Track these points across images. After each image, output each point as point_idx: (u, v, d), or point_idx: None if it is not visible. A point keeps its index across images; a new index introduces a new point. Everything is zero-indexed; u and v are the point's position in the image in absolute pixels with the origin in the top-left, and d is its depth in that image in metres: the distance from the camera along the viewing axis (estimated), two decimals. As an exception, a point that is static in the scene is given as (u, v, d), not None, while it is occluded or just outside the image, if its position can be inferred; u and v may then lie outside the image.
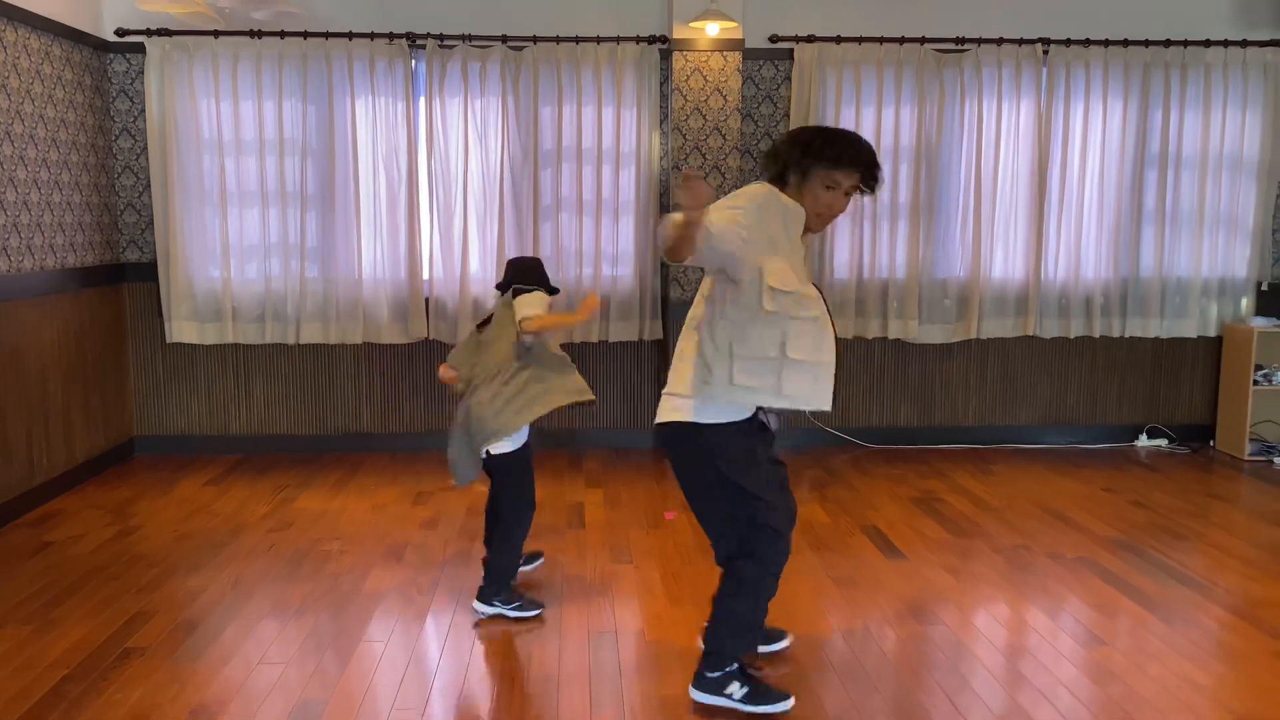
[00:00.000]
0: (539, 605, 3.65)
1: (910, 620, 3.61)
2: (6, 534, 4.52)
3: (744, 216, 2.69)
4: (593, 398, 3.63)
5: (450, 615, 3.65)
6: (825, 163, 2.73)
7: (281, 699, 3.02)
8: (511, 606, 3.60)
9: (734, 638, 2.94)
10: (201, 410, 6.00)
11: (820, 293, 2.82)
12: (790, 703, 2.92)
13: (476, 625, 3.57)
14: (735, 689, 2.91)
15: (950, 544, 4.44)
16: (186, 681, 3.13)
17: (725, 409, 2.83)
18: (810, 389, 2.74)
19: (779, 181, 2.83)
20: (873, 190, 2.84)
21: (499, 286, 3.79)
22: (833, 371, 2.77)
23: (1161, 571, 4.11)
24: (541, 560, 4.10)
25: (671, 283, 5.84)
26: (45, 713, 2.92)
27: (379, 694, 3.07)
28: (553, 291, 3.72)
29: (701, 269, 2.90)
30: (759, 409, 2.90)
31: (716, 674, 2.92)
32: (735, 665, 2.94)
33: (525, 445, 3.66)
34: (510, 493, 3.66)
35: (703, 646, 2.97)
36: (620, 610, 3.69)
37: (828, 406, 2.77)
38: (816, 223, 2.85)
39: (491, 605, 3.58)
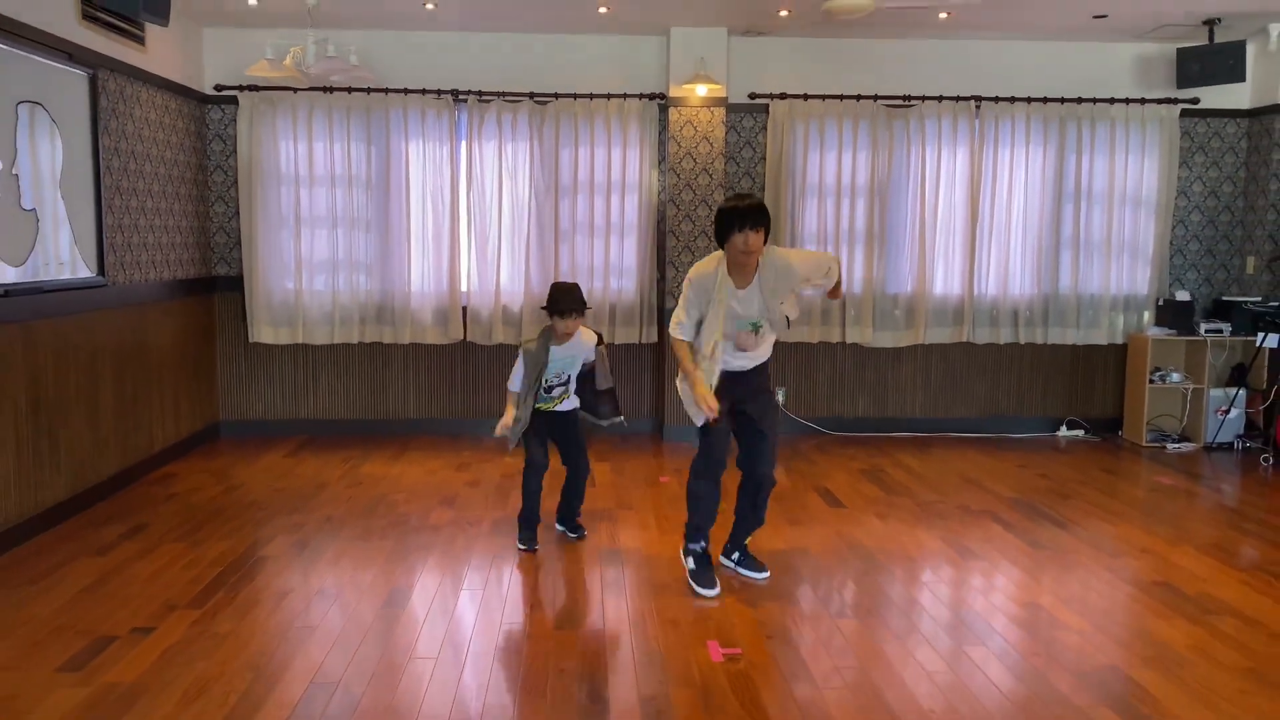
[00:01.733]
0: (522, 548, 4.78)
1: (843, 547, 4.81)
2: (139, 488, 5.73)
3: (684, 319, 4.13)
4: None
5: (496, 539, 4.85)
6: (723, 236, 3.98)
7: (380, 586, 4.22)
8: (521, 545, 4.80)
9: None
10: (275, 399, 7.22)
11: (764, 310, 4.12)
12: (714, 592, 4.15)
13: (519, 550, 4.77)
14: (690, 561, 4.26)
15: (882, 499, 5.65)
16: (310, 574, 4.34)
17: None
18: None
19: (721, 243, 4.03)
20: (760, 226, 3.92)
21: (547, 308, 4.62)
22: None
23: (1040, 517, 5.31)
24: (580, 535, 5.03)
25: (667, 295, 7.06)
26: (215, 590, 4.12)
27: (449, 584, 4.26)
28: (584, 309, 4.68)
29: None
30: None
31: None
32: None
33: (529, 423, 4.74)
34: None
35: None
36: (623, 537, 4.90)
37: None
38: (744, 259, 3.97)
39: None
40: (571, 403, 4.79)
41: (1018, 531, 5.07)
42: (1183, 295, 7.22)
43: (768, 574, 4.36)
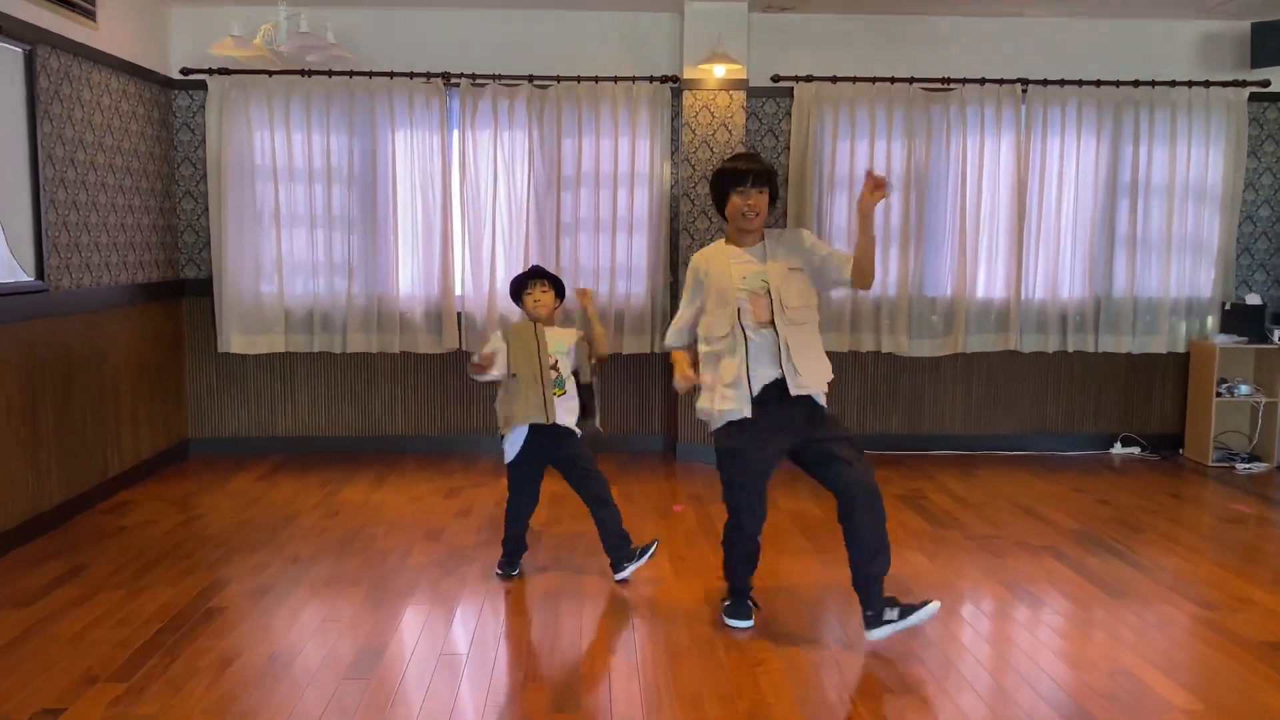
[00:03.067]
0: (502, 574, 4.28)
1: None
2: (86, 519, 5.08)
3: (682, 318, 3.87)
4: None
5: (484, 582, 4.19)
6: (722, 199, 3.65)
7: (346, 646, 3.56)
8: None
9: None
10: (250, 414, 6.57)
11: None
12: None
13: (507, 593, 4.11)
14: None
15: (928, 533, 4.96)
16: (264, 633, 3.68)
17: None
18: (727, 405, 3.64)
19: (721, 209, 3.70)
20: (763, 186, 3.57)
21: (513, 295, 4.30)
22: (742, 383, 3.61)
23: (1111, 555, 4.62)
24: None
25: (680, 298, 6.37)
26: (147, 656, 3.46)
27: (426, 645, 3.60)
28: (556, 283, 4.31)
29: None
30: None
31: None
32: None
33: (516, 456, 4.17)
34: None
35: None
36: (633, 582, 4.22)
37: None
38: (746, 225, 3.61)
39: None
40: (564, 405, 4.15)
41: (1087, 573, 4.38)
42: (1252, 298, 6.52)
43: (935, 602, 3.57)
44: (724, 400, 3.61)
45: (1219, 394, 6.42)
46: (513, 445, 4.16)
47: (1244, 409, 6.60)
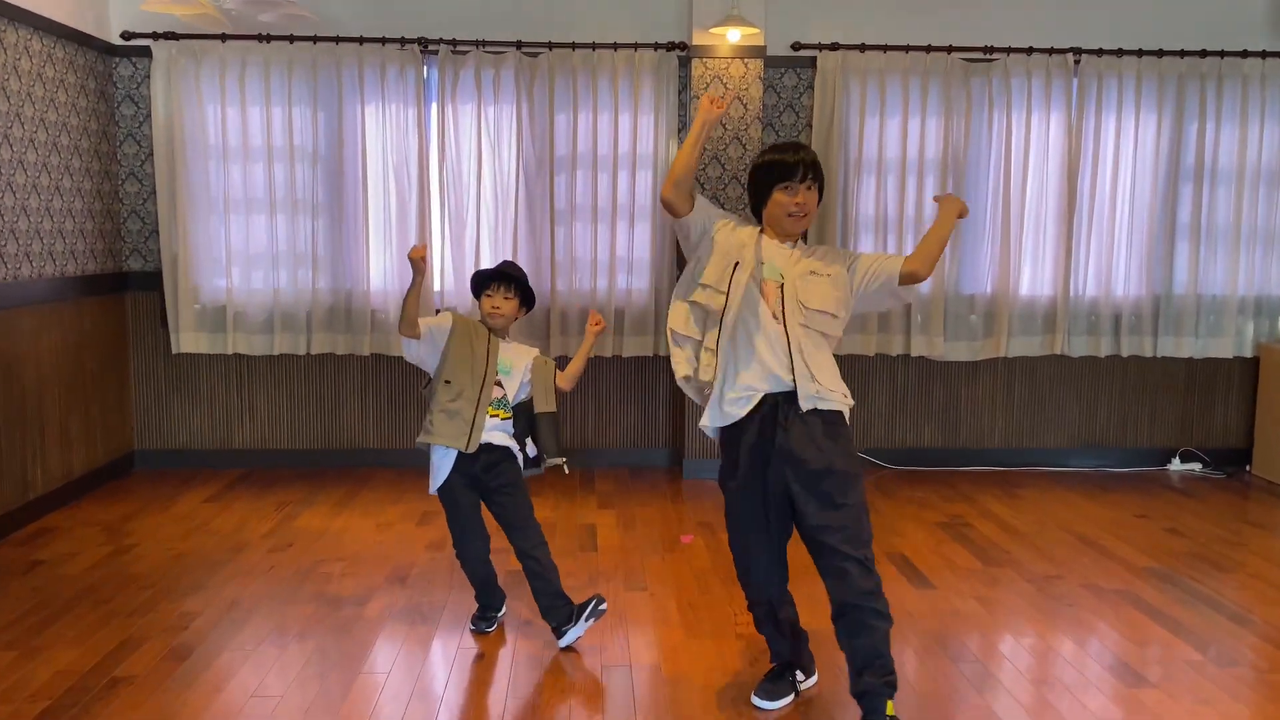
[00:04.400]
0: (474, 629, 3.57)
1: (949, 667, 3.40)
2: (-2, 551, 4.36)
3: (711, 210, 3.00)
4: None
5: (456, 643, 3.47)
6: (761, 196, 2.90)
7: (275, 735, 2.84)
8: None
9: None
10: (204, 423, 5.85)
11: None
12: None
13: (482, 656, 3.39)
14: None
15: (980, 573, 4.24)
16: (175, 714, 2.95)
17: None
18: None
19: (758, 208, 2.94)
20: (814, 181, 2.85)
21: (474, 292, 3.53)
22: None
23: (1202, 603, 3.90)
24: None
25: (688, 296, 5.65)
26: (24, 747, 2.75)
27: (378, 730, 2.88)
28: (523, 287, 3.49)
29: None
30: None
31: None
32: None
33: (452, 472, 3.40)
34: None
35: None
36: (634, 641, 3.50)
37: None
38: (791, 225, 2.88)
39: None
40: (501, 431, 3.40)
41: (1178, 628, 3.66)
42: (1331, 297, 5.79)
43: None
44: (708, 414, 2.91)
45: (1294, 404, 5.70)
46: (437, 470, 3.39)
47: (1321, 421, 5.88)
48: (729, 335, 2.82)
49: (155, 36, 5.44)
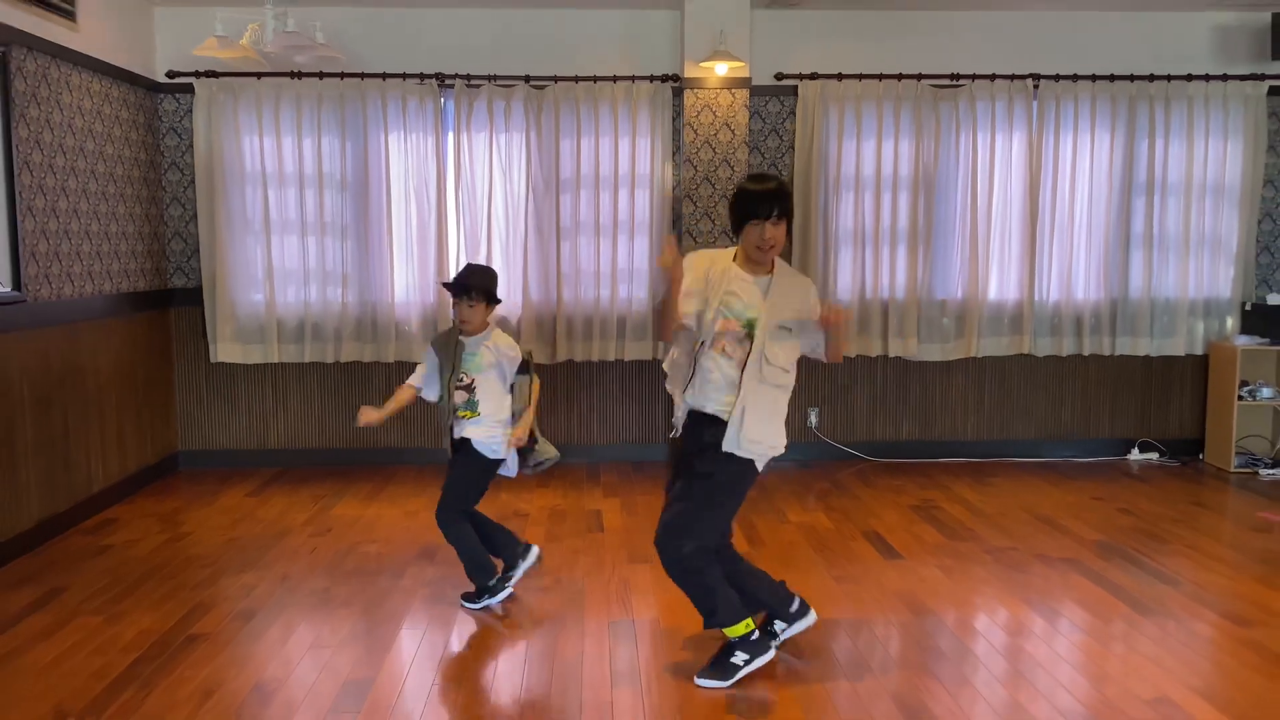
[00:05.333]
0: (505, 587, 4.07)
1: (909, 618, 3.92)
2: (67, 539, 4.88)
3: (692, 288, 3.30)
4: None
5: (481, 606, 3.98)
6: (739, 223, 3.26)
7: (332, 678, 3.36)
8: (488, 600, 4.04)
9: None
10: (241, 426, 6.38)
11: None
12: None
13: (505, 615, 3.91)
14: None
15: (945, 546, 4.76)
16: (246, 662, 3.48)
17: None
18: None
19: (737, 231, 3.30)
20: (782, 216, 3.21)
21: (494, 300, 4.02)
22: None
23: (1139, 569, 4.41)
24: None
25: (684, 305, 6.18)
26: (122, 688, 3.26)
27: (419, 673, 3.40)
28: (486, 293, 3.97)
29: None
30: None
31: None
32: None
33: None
34: None
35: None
36: (636, 602, 4.02)
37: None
38: (759, 256, 3.27)
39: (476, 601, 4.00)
40: (475, 427, 3.93)
41: (1114, 588, 4.17)
42: (1273, 298, 6.32)
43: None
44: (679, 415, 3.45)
45: (1240, 397, 6.21)
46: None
47: (1266, 413, 6.40)
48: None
49: (197, 75, 6.00)
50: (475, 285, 3.91)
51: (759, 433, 3.26)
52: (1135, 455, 6.58)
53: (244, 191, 6.11)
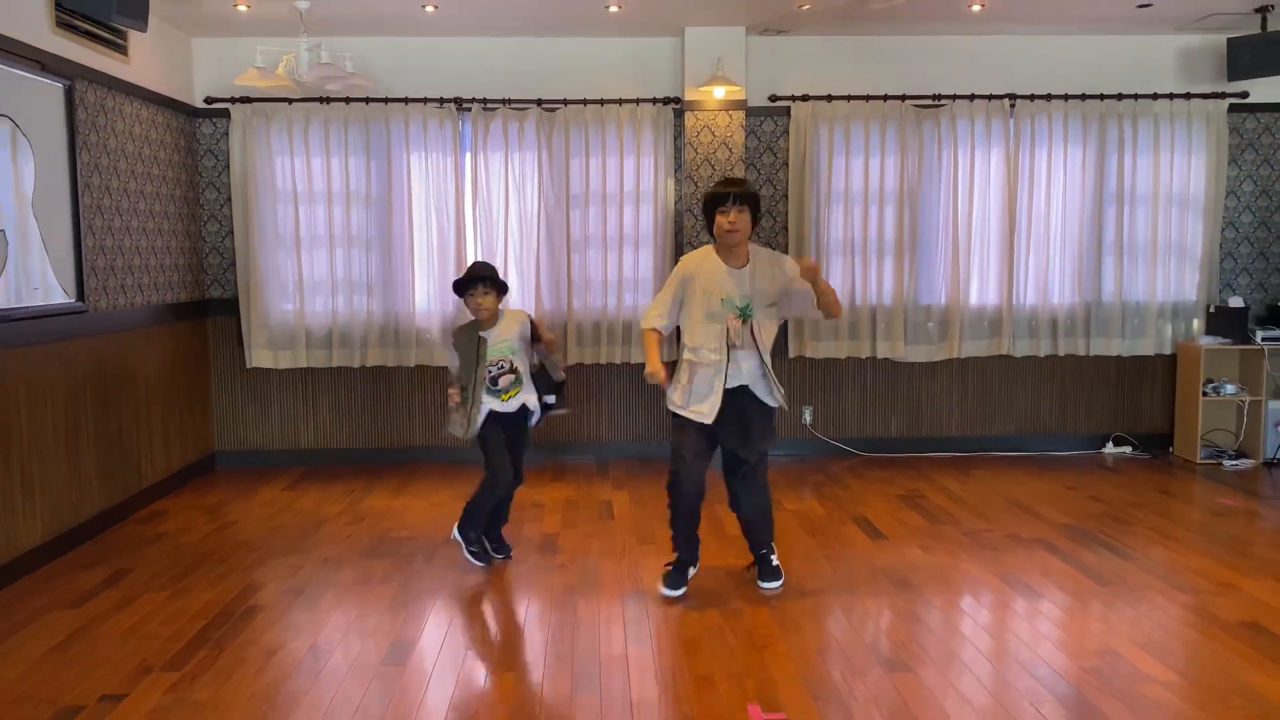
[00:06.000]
0: (486, 560, 4.61)
1: (889, 586, 4.37)
2: (125, 528, 5.34)
3: (661, 309, 4.15)
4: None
5: (508, 581, 4.44)
6: (710, 220, 4.09)
7: (380, 639, 3.81)
8: (468, 548, 4.58)
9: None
10: (274, 427, 6.83)
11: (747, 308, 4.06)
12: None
13: (530, 589, 4.36)
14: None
15: (926, 529, 5.21)
16: (302, 628, 3.93)
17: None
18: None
19: (710, 227, 4.13)
20: (742, 204, 3.99)
21: (457, 293, 4.53)
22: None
23: (1101, 547, 4.86)
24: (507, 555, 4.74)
25: (686, 311, 6.64)
26: (196, 649, 3.71)
27: (454, 636, 3.85)
28: (496, 281, 4.49)
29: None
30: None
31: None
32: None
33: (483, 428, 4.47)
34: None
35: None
36: (645, 576, 4.48)
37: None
38: (729, 240, 4.03)
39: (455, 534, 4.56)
40: (521, 400, 4.48)
41: (1076, 563, 4.63)
42: (1235, 301, 6.77)
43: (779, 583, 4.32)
44: (697, 409, 4.09)
45: (1205, 394, 6.66)
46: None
47: (1230, 408, 6.85)
48: (721, 369, 4.11)
49: (233, 100, 6.47)
50: (485, 275, 4.45)
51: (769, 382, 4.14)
52: (1110, 449, 7.03)
53: (276, 208, 6.57)
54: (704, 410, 4.08)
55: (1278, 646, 3.65)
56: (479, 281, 4.42)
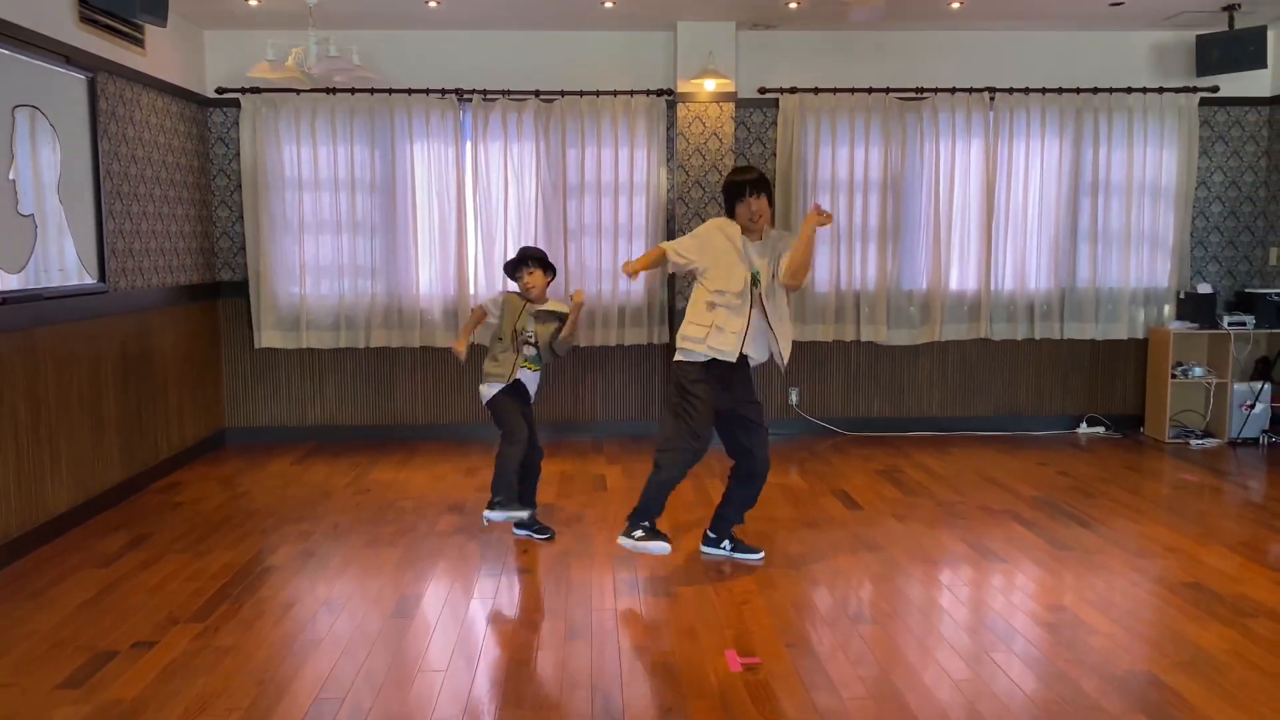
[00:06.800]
0: (548, 531, 4.86)
1: (862, 550, 4.68)
2: (143, 497, 5.64)
3: (683, 248, 4.41)
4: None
5: (505, 545, 4.74)
6: (731, 206, 4.36)
7: (388, 595, 4.11)
8: (519, 526, 4.84)
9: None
10: (282, 405, 7.13)
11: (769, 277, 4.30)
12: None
13: (524, 552, 4.67)
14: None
15: (901, 500, 5.52)
16: (316, 584, 4.24)
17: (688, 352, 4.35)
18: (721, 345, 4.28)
19: (730, 214, 4.39)
20: (762, 193, 4.28)
21: (509, 273, 4.87)
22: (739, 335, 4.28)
23: (1064, 516, 5.17)
24: (550, 536, 4.93)
25: (677, 294, 6.95)
26: (219, 602, 4.02)
27: (457, 592, 4.16)
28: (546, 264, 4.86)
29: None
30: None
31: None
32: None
33: (498, 393, 4.72)
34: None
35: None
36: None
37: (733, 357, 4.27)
38: (751, 225, 4.31)
39: (494, 510, 4.55)
40: (536, 378, 4.81)
41: (1040, 531, 4.93)
42: (1204, 288, 7.07)
43: (763, 553, 4.53)
44: (720, 339, 4.23)
45: (1174, 376, 6.96)
46: (484, 394, 4.78)
47: (1198, 390, 7.15)
48: (743, 309, 4.32)
49: (243, 91, 6.75)
50: (534, 255, 4.81)
51: (782, 340, 4.37)
52: (1084, 429, 7.34)
53: (284, 195, 6.85)
54: (729, 340, 4.22)
55: (1214, 603, 3.97)
56: (528, 260, 4.78)
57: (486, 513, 4.53)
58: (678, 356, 4.37)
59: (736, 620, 3.83)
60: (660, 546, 4.24)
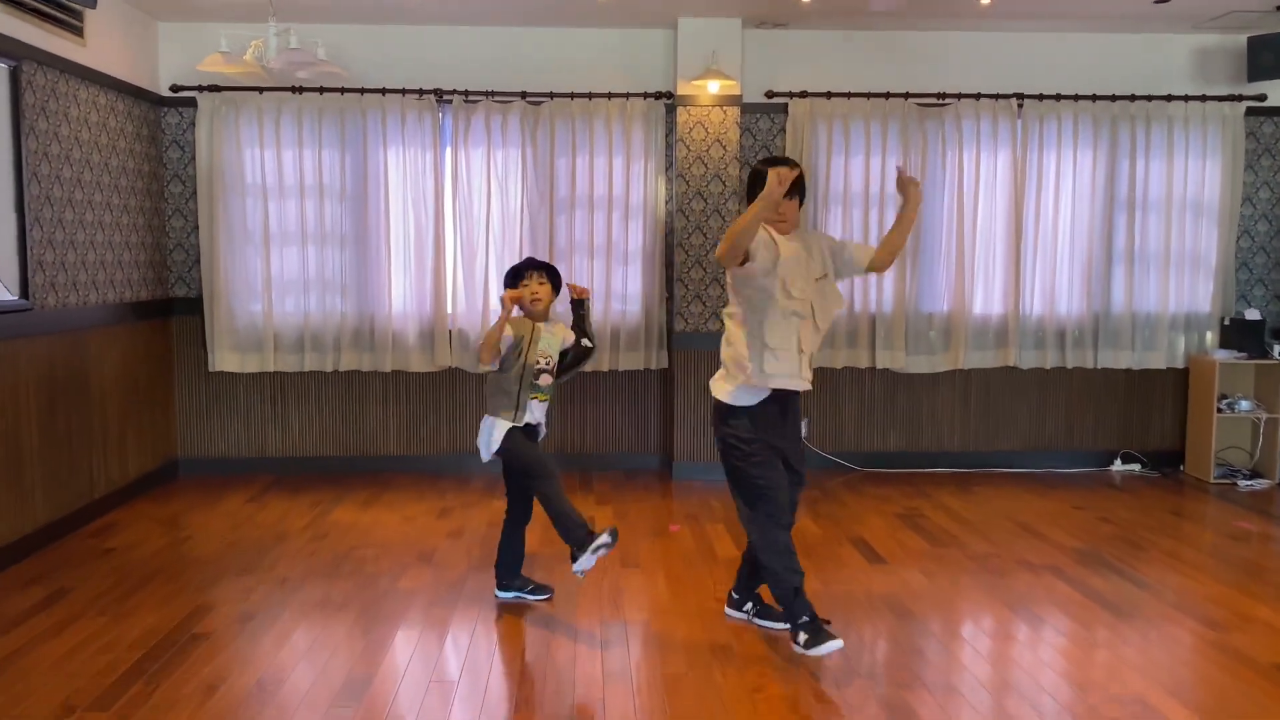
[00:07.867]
0: (546, 590, 4.21)
1: (890, 617, 4.04)
2: (71, 542, 4.98)
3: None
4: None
5: (477, 608, 4.10)
6: (751, 195, 3.61)
7: (334, 672, 3.46)
8: (526, 590, 4.18)
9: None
10: (240, 434, 6.48)
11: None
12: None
13: (499, 618, 4.02)
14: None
15: (927, 552, 4.88)
16: (248, 661, 3.59)
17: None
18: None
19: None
20: (794, 195, 3.61)
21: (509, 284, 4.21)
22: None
23: (1114, 574, 4.55)
24: (548, 595, 4.25)
25: (675, 315, 6.33)
26: (129, 683, 3.37)
27: (417, 671, 3.51)
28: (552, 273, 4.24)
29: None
30: None
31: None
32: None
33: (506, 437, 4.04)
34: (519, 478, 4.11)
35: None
36: (628, 606, 4.14)
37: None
38: (781, 226, 3.65)
39: (579, 559, 3.81)
40: (540, 409, 4.11)
41: (1091, 593, 4.30)
42: (1251, 314, 6.46)
43: (788, 625, 3.68)
44: (782, 374, 3.61)
45: (1219, 410, 6.36)
46: (488, 441, 4.05)
47: (1245, 425, 6.54)
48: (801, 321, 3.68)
49: (200, 89, 6.13)
50: (540, 265, 4.19)
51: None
52: (1118, 466, 6.72)
53: (245, 203, 6.23)
54: (790, 374, 3.61)
55: (1317, 693, 3.34)
56: (535, 267, 4.15)
57: (575, 566, 3.82)
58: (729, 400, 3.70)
59: (749, 715, 3.18)
60: (832, 645, 3.45)
